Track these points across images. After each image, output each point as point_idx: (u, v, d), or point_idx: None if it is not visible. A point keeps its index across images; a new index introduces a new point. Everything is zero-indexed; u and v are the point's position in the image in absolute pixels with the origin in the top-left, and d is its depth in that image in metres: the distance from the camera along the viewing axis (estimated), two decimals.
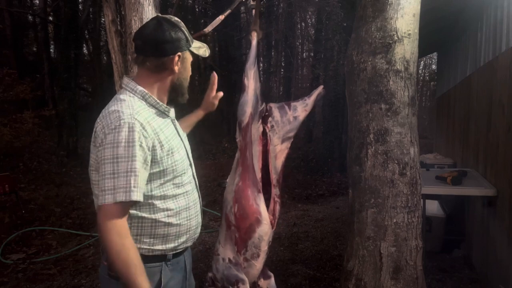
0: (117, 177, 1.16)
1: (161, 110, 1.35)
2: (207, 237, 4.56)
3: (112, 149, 1.17)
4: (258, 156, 2.04)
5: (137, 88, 1.31)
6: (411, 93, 1.91)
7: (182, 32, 1.33)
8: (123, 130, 1.17)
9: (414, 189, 1.90)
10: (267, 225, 1.93)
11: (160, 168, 1.27)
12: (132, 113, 1.22)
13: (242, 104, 2.06)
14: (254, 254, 1.97)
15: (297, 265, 3.73)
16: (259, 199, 1.95)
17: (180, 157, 1.35)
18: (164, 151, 1.27)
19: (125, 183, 1.16)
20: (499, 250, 2.76)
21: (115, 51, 2.60)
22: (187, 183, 1.39)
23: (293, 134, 2.11)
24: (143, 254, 1.29)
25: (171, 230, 1.33)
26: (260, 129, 2.07)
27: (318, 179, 8.26)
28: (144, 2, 2.37)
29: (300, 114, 2.11)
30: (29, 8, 13.60)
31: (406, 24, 1.87)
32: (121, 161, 1.16)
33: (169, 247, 1.35)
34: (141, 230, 1.29)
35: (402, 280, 1.87)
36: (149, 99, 1.32)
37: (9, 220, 5.00)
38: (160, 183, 1.29)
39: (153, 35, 1.30)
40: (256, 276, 2.04)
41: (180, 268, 1.43)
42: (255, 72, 2.13)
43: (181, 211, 1.36)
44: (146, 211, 1.28)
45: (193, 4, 14.99)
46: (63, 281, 3.50)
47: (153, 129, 1.25)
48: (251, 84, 2.08)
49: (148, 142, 1.22)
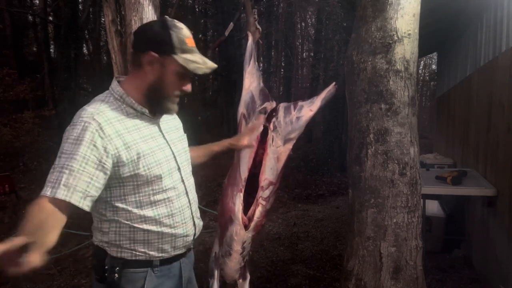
0: (52, 171, 1.12)
1: (138, 110, 1.28)
2: (207, 237, 4.55)
3: (62, 144, 1.15)
4: (250, 156, 1.98)
5: (115, 88, 1.28)
6: (411, 93, 1.91)
7: (169, 36, 1.22)
8: (76, 128, 1.15)
9: (414, 189, 1.90)
10: (238, 226, 1.90)
11: (128, 171, 1.21)
12: (93, 112, 1.19)
13: (239, 104, 2.07)
14: (227, 252, 1.98)
15: (297, 265, 3.73)
16: (236, 198, 1.92)
17: (155, 160, 1.26)
18: (131, 153, 1.20)
19: (55, 178, 1.11)
20: (499, 250, 2.76)
21: (115, 51, 2.60)
22: (169, 189, 1.30)
23: (296, 136, 2.02)
24: (125, 258, 1.26)
25: (151, 237, 1.27)
26: (260, 129, 2.04)
27: (318, 179, 8.26)
28: (144, 2, 2.37)
29: (304, 115, 2.01)
30: (29, 8, 13.60)
31: (406, 24, 1.87)
32: (62, 156, 1.13)
33: (152, 254, 1.29)
34: (119, 235, 1.25)
35: (402, 280, 1.87)
36: (126, 99, 1.27)
37: (9, 220, 5.00)
38: (132, 187, 1.23)
39: (140, 29, 1.31)
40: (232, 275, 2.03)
41: (172, 275, 1.36)
42: (250, 72, 2.12)
43: (162, 219, 1.28)
44: (122, 216, 1.24)
45: (193, 4, 15.01)
46: (63, 281, 3.50)
47: (116, 130, 1.19)
48: (246, 84, 2.08)
49: (105, 142, 1.16)
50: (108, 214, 1.24)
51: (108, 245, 1.27)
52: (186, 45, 1.25)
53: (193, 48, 1.28)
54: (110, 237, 1.26)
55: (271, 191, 1.97)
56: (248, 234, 1.93)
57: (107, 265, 1.25)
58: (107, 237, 1.26)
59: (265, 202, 1.94)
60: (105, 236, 1.27)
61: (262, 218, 1.95)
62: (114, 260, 1.26)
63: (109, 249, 1.27)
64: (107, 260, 1.26)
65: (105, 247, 1.27)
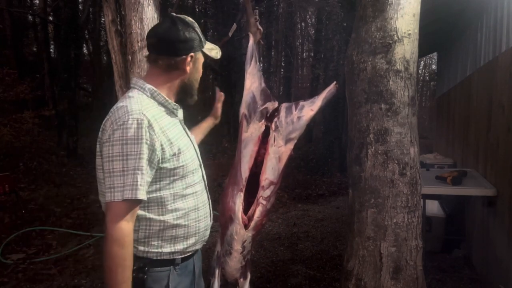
0: (126, 174, 1.14)
1: (169, 108, 1.33)
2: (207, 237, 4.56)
3: (121, 146, 1.15)
4: (251, 156, 2.00)
5: (146, 86, 1.30)
6: (411, 93, 1.91)
7: (195, 33, 1.32)
8: (131, 126, 1.15)
9: (414, 189, 1.90)
10: (238, 225, 1.92)
11: (170, 166, 1.25)
12: (141, 108, 1.20)
13: (240, 104, 2.08)
14: (228, 251, 1.99)
15: (297, 265, 3.73)
16: (237, 198, 1.94)
17: (189, 156, 1.33)
18: (173, 149, 1.26)
19: (132, 180, 1.14)
20: (499, 250, 2.76)
21: (115, 51, 2.60)
22: (197, 183, 1.37)
23: (296, 135, 2.03)
24: (151, 258, 1.28)
25: (179, 232, 1.31)
26: (261, 129, 2.04)
27: (318, 179, 8.27)
28: (144, 2, 2.37)
29: (304, 115, 2.02)
30: (29, 8, 13.61)
31: (406, 24, 1.87)
32: (130, 158, 1.14)
33: (178, 249, 1.32)
34: (149, 233, 1.27)
35: (402, 280, 1.87)
36: (158, 96, 1.30)
37: (9, 220, 5.00)
38: (169, 181, 1.27)
39: (167, 34, 1.29)
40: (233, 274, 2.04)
41: (188, 272, 1.40)
42: (251, 72, 2.13)
43: (190, 212, 1.33)
44: (154, 212, 1.26)
45: (193, 4, 15.00)
46: (63, 281, 3.49)
47: (160, 127, 1.23)
48: (247, 84, 2.09)
49: (155, 139, 1.19)
50: (140, 211, 1.24)
51: (136, 244, 1.26)
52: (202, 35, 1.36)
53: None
54: (139, 235, 1.26)
55: (272, 191, 1.98)
56: (248, 234, 1.94)
57: (134, 266, 1.24)
58: (136, 235, 1.25)
59: (266, 202, 1.95)
60: (134, 234, 1.25)
61: (262, 217, 1.96)
62: (140, 260, 1.27)
63: (136, 250, 1.27)
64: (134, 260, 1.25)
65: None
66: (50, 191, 6.51)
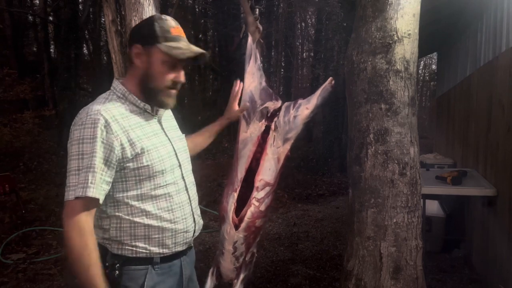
0: (80, 173, 1.16)
1: (140, 107, 1.32)
2: (207, 237, 4.56)
3: (77, 145, 1.17)
4: (248, 156, 1.98)
5: (118, 87, 1.32)
6: (411, 93, 1.91)
7: (152, 27, 1.27)
8: (88, 126, 1.17)
9: (414, 189, 1.90)
10: (228, 225, 1.90)
11: (132, 166, 1.24)
12: (100, 109, 1.21)
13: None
14: (220, 251, 1.99)
15: (297, 265, 3.73)
16: (230, 198, 1.93)
17: (158, 156, 1.29)
18: (136, 149, 1.24)
19: (84, 179, 1.15)
20: (499, 250, 2.76)
21: (115, 51, 2.60)
22: (170, 184, 1.33)
23: (293, 135, 1.98)
24: (126, 255, 1.27)
25: (152, 232, 1.29)
26: (262, 129, 2.03)
27: (318, 179, 8.26)
28: (144, 2, 2.37)
29: (300, 114, 1.97)
30: (29, 8, 13.59)
31: (406, 24, 1.87)
32: (85, 158, 1.16)
33: (153, 249, 1.30)
34: (120, 231, 1.27)
35: (402, 280, 1.87)
36: (129, 96, 1.31)
37: (9, 220, 5.00)
38: (135, 182, 1.26)
39: (132, 27, 1.37)
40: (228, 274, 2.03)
41: (173, 274, 1.37)
42: (250, 72, 2.12)
43: (163, 213, 1.30)
44: (123, 211, 1.26)
45: (193, 4, 14.99)
46: (63, 281, 3.50)
47: (121, 127, 1.22)
48: (245, 84, 2.08)
49: (112, 139, 1.19)
50: (109, 210, 1.26)
51: (109, 242, 1.28)
52: (170, 34, 1.28)
53: (179, 37, 1.30)
54: (111, 233, 1.27)
55: (267, 193, 1.93)
56: (240, 235, 1.90)
57: (107, 262, 1.25)
58: (108, 234, 1.27)
59: (258, 203, 1.90)
60: (106, 233, 1.27)
61: (254, 219, 1.90)
62: (115, 257, 1.27)
63: (110, 246, 1.28)
64: (108, 257, 1.27)
65: (106, 244, 1.28)
66: (50, 191, 6.51)
